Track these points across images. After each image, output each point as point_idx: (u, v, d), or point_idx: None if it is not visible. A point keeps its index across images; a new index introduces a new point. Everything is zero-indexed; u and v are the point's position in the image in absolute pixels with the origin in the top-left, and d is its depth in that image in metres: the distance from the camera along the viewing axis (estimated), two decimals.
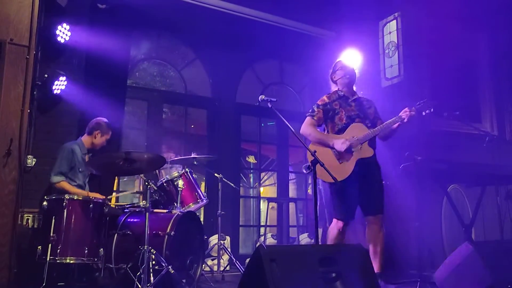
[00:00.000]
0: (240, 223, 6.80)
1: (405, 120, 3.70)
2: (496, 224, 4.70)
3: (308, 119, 3.92)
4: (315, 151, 3.40)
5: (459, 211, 4.95)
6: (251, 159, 8.47)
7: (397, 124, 3.74)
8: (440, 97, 5.73)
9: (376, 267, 3.65)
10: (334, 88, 4.05)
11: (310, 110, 3.96)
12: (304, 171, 3.51)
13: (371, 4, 5.77)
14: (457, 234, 5.08)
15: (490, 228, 5.45)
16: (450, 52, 6.13)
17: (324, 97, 3.97)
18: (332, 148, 3.73)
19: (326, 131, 3.93)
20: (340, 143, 3.69)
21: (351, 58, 6.08)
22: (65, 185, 4.03)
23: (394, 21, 6.07)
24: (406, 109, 3.73)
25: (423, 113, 3.75)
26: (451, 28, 6.30)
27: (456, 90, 5.96)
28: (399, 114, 3.73)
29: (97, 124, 4.33)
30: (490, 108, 6.52)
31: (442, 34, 6.22)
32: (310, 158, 3.64)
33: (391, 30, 6.10)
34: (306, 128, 3.89)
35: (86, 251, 3.54)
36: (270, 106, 3.53)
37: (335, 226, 3.76)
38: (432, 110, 3.74)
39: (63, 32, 4.54)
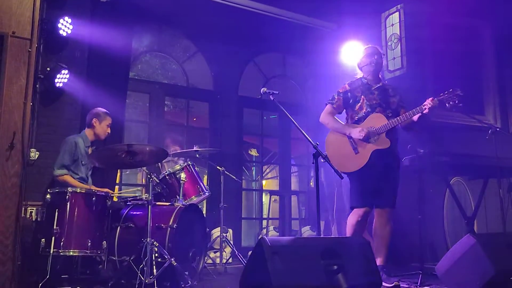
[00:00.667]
0: (243, 216, 6.82)
1: (426, 110, 3.58)
2: (499, 216, 4.69)
3: (328, 106, 3.90)
4: (317, 144, 3.40)
5: (461, 203, 4.95)
6: (253, 152, 8.47)
7: (417, 116, 3.64)
8: (443, 89, 5.71)
9: (379, 260, 3.65)
10: (359, 74, 3.99)
11: (330, 98, 3.93)
12: (322, 161, 3.44)
13: None
14: (459, 226, 5.09)
15: (493, 220, 5.45)
16: (453, 44, 6.10)
17: (346, 84, 3.93)
18: (349, 137, 3.71)
19: (346, 119, 3.90)
20: (357, 132, 3.67)
21: (354, 50, 6.06)
22: (68, 178, 4.04)
23: (397, 13, 6.03)
24: (430, 99, 3.63)
25: (447, 105, 3.62)
26: (455, 20, 6.27)
27: (459, 82, 5.92)
28: (421, 105, 3.63)
29: (93, 114, 4.32)
30: (494, 101, 6.50)
31: (445, 26, 6.18)
32: (327, 146, 3.72)
33: (393, 22, 6.06)
34: (325, 116, 3.87)
35: (89, 244, 3.55)
36: (272, 98, 3.53)
37: (354, 214, 3.72)
38: (457, 101, 3.60)
39: (65, 25, 4.53)
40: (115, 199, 4.27)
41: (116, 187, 5.37)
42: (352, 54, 6.17)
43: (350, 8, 5.88)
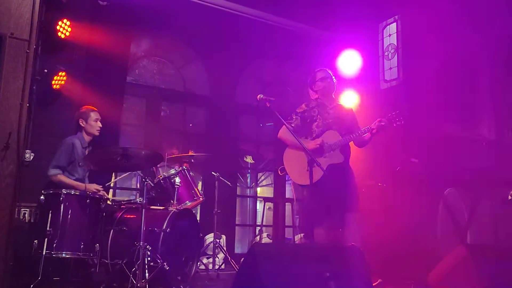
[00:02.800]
0: (236, 223, 6.81)
1: (374, 130, 3.77)
2: (491, 227, 4.72)
3: (284, 126, 3.97)
4: (311, 153, 3.44)
5: (455, 214, 4.98)
6: (249, 159, 8.47)
7: (367, 135, 3.81)
8: (438, 100, 5.76)
9: None
10: (313, 95, 4.12)
11: (288, 118, 4.03)
12: (280, 173, 3.61)
13: (371, 6, 5.79)
14: (452, 236, 5.10)
15: (486, 231, 5.47)
16: (450, 56, 6.15)
17: (303, 105, 4.06)
18: (306, 150, 3.78)
19: (305, 137, 3.98)
20: (313, 143, 3.80)
21: (350, 59, 6.11)
22: (62, 178, 4.01)
23: (394, 24, 6.09)
24: (378, 120, 3.80)
25: (394, 125, 3.79)
26: (451, 32, 6.32)
27: (454, 93, 5.98)
28: (370, 125, 3.80)
29: (76, 115, 4.26)
30: (489, 113, 6.54)
31: (442, 38, 6.23)
32: (285, 162, 3.86)
33: (391, 32, 6.12)
34: (283, 133, 3.97)
35: (82, 246, 3.54)
36: (268, 105, 3.55)
37: (318, 225, 3.77)
38: (403, 122, 3.79)
39: (64, 28, 4.54)
40: (109, 202, 4.26)
41: (110, 190, 5.36)
42: (349, 62, 6.24)
43: (347, 17, 5.93)
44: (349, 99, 6.26)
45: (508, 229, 5.83)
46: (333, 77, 4.11)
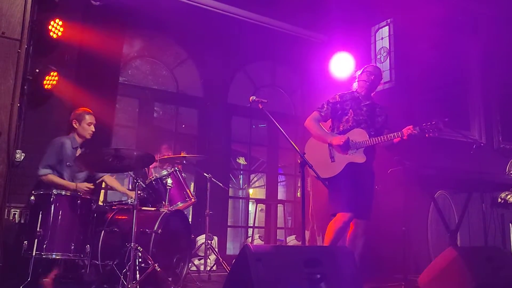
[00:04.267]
0: (228, 224, 6.81)
1: (405, 137, 3.71)
2: (481, 230, 4.77)
3: (315, 113, 3.96)
4: (304, 153, 3.43)
5: (445, 216, 5.01)
6: (241, 161, 8.49)
7: (397, 139, 3.76)
8: (430, 103, 5.80)
9: None
10: (355, 86, 4.06)
11: (319, 106, 3.99)
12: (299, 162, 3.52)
13: (364, 9, 5.83)
14: (443, 239, 5.13)
15: (475, 234, 5.51)
16: (442, 60, 6.21)
17: (337, 96, 4.00)
18: (330, 145, 3.76)
19: (331, 128, 3.96)
20: (338, 138, 3.75)
21: (343, 62, 6.14)
22: (53, 177, 4.00)
23: (387, 27, 6.13)
24: (410, 126, 3.73)
25: (427, 135, 3.73)
26: (444, 36, 6.38)
27: (446, 97, 6.04)
28: (402, 130, 3.73)
29: (72, 115, 4.26)
30: (479, 116, 6.61)
31: (434, 42, 6.29)
32: (307, 150, 3.78)
33: (383, 35, 6.16)
34: (310, 121, 3.93)
35: (72, 247, 3.52)
36: (261, 107, 3.55)
37: (337, 220, 3.68)
38: (437, 134, 3.71)
39: (56, 28, 4.52)
40: (100, 202, 4.24)
41: (102, 191, 5.34)
42: (341, 65, 6.26)
43: (340, 20, 5.96)
44: None
45: (498, 232, 5.89)
46: (382, 78, 4.08)
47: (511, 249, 6.24)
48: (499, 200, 6.27)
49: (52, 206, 3.53)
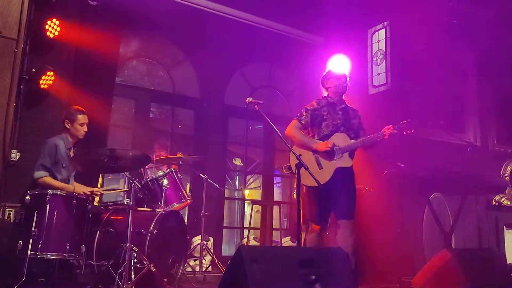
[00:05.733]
0: (224, 225, 6.81)
1: (386, 137, 3.79)
2: (475, 232, 4.80)
3: (294, 121, 3.97)
4: (300, 154, 3.44)
5: (440, 218, 5.04)
6: (238, 162, 8.49)
7: (378, 139, 3.83)
8: (426, 106, 5.83)
9: None
10: (324, 93, 4.10)
11: (298, 114, 4.01)
12: (284, 171, 3.59)
13: (361, 12, 5.85)
14: (437, 240, 5.17)
15: (470, 236, 5.55)
16: (437, 63, 6.24)
17: (313, 102, 4.02)
18: (315, 151, 3.78)
19: (312, 136, 3.98)
20: (324, 145, 3.77)
21: (340, 64, 6.16)
22: (49, 180, 3.98)
23: (383, 30, 6.16)
24: (390, 126, 3.81)
25: (405, 133, 3.82)
26: (440, 39, 6.41)
27: (441, 99, 6.07)
28: (382, 130, 3.81)
29: (64, 115, 4.18)
30: (474, 119, 6.65)
31: (430, 45, 6.33)
32: (293, 161, 3.70)
33: (379, 38, 6.19)
34: (292, 130, 3.93)
35: (67, 247, 3.51)
36: (257, 108, 3.56)
37: (312, 230, 3.81)
38: (413, 131, 3.81)
39: (53, 27, 4.51)
40: (96, 203, 4.23)
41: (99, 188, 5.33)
42: (338, 67, 6.28)
43: (337, 22, 5.98)
44: None
45: (492, 234, 5.93)
46: (348, 78, 4.10)
47: (505, 251, 6.29)
48: (494, 202, 6.32)
49: (48, 206, 3.52)
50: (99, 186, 5.33)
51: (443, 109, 5.90)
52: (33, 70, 4.44)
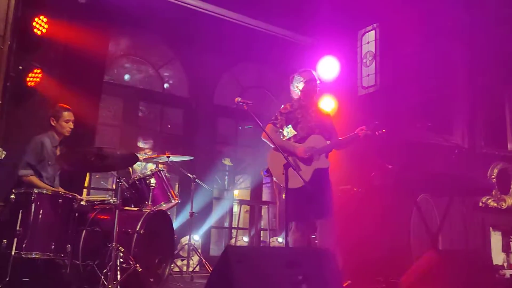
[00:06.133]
0: (213, 225, 6.79)
1: (360, 138, 3.86)
2: (462, 233, 4.83)
3: (269, 125, 3.99)
4: (287, 155, 3.45)
5: (427, 219, 5.06)
6: (227, 162, 8.46)
7: (353, 140, 3.89)
8: (414, 107, 5.86)
9: None
10: (295, 95, 4.12)
11: (272, 117, 4.03)
12: (262, 175, 3.60)
13: (351, 13, 5.87)
14: (425, 241, 5.19)
15: (457, 237, 5.58)
16: (427, 65, 6.27)
17: (287, 105, 4.06)
18: (294, 154, 3.79)
19: (287, 139, 3.99)
20: (303, 151, 3.80)
21: (329, 65, 6.18)
22: (34, 179, 3.93)
23: (373, 31, 6.18)
24: (363, 127, 3.87)
25: (377, 133, 3.89)
26: (429, 41, 6.45)
27: (430, 101, 6.10)
28: (356, 132, 3.87)
29: (49, 113, 4.15)
30: (462, 121, 6.69)
31: (419, 47, 6.36)
32: (272, 163, 3.82)
33: (369, 40, 6.20)
34: (267, 134, 3.92)
35: (52, 247, 3.47)
36: (246, 108, 3.55)
37: (297, 231, 3.83)
38: (384, 131, 3.88)
39: (41, 25, 4.47)
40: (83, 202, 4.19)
41: (85, 190, 5.29)
42: (328, 68, 6.31)
43: (327, 23, 5.99)
44: (327, 105, 6.33)
45: (478, 235, 5.97)
46: (318, 79, 4.12)
47: (491, 252, 6.35)
48: (480, 204, 6.37)
49: (33, 205, 3.47)
50: (86, 184, 5.30)
51: (431, 111, 5.93)
52: (20, 67, 4.38)
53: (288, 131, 4.00)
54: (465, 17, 6.41)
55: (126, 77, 6.43)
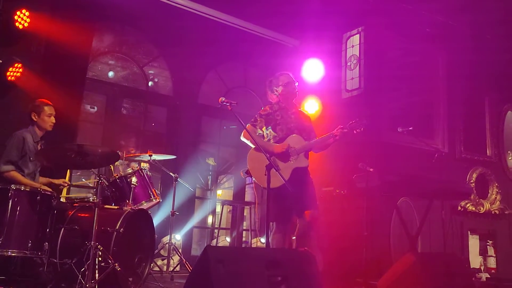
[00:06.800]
0: (195, 225, 6.76)
1: (337, 137, 3.91)
2: (441, 236, 4.90)
3: (248, 126, 4.02)
4: (271, 156, 3.45)
5: (407, 222, 5.12)
6: (211, 161, 8.43)
7: (331, 139, 3.93)
8: (397, 111, 5.93)
9: None
10: (274, 98, 4.17)
11: (252, 119, 4.07)
12: (242, 176, 3.64)
13: (336, 16, 5.91)
14: (404, 244, 5.25)
15: (436, 240, 5.66)
16: (409, 70, 6.35)
17: (266, 107, 4.11)
18: (272, 154, 3.82)
19: (267, 140, 4.02)
20: (280, 147, 3.86)
21: (314, 67, 6.20)
22: (16, 175, 3.87)
23: (358, 35, 6.23)
24: (340, 126, 3.93)
25: (355, 131, 3.95)
26: (412, 47, 6.54)
27: (412, 105, 6.18)
28: (333, 131, 3.92)
29: (30, 108, 4.08)
30: (443, 126, 6.78)
31: (402, 52, 6.44)
32: (252, 164, 3.84)
33: (354, 43, 6.26)
34: (247, 135, 3.96)
35: (29, 244, 3.41)
36: (230, 109, 3.56)
37: (277, 231, 3.85)
38: (362, 129, 3.95)
39: (22, 18, 4.40)
40: (62, 198, 4.14)
41: (65, 188, 5.21)
42: (313, 71, 6.34)
43: (313, 26, 6.02)
44: (311, 107, 6.36)
45: (457, 239, 6.07)
46: (296, 82, 4.15)
47: (469, 256, 6.45)
48: (459, 208, 6.47)
49: (10, 202, 3.40)
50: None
51: (413, 115, 6.01)
52: (0, 61, 4.30)
53: (268, 133, 4.04)
54: (447, 24, 6.51)
55: (110, 74, 6.35)
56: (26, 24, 4.43)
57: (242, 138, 4.02)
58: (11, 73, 4.34)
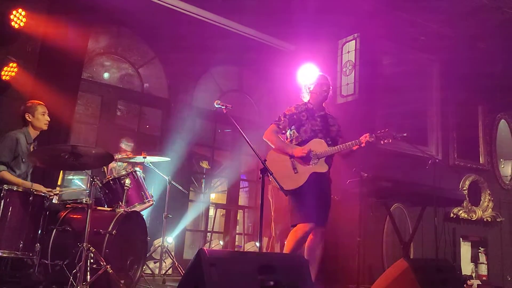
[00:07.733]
0: (188, 228, 6.74)
1: (363, 144, 3.82)
2: (434, 243, 4.92)
3: (272, 126, 3.99)
4: (265, 160, 3.45)
5: (400, 229, 5.15)
6: (205, 165, 8.42)
7: (355, 147, 3.85)
8: (391, 117, 5.96)
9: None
10: (306, 97, 4.13)
11: (276, 119, 4.03)
12: (260, 176, 3.59)
13: (332, 22, 5.94)
14: (397, 250, 5.27)
15: (428, 246, 5.68)
16: (404, 76, 6.40)
17: (292, 108, 4.05)
18: (292, 156, 3.80)
19: (290, 141, 4.00)
20: (300, 150, 3.80)
21: (309, 72, 6.21)
22: (7, 175, 3.84)
23: (353, 41, 6.27)
24: (367, 134, 3.83)
25: (382, 142, 3.88)
26: (407, 54, 6.59)
27: (406, 112, 6.21)
28: (359, 138, 3.84)
29: (22, 110, 4.06)
30: (437, 133, 6.83)
31: (398, 58, 6.49)
32: (269, 163, 3.70)
33: (349, 49, 6.29)
34: (269, 134, 3.95)
35: (21, 245, 3.39)
36: (225, 112, 3.55)
37: (298, 231, 3.75)
38: (390, 141, 3.88)
39: (18, 18, 4.39)
40: (55, 199, 4.11)
41: (58, 188, 5.18)
42: (307, 75, 6.34)
43: (309, 31, 6.05)
44: None
45: (449, 245, 6.10)
46: (331, 87, 4.13)
47: (461, 262, 6.49)
48: (452, 215, 6.51)
49: (2, 202, 3.38)
50: (59, 183, 5.20)
51: (407, 121, 6.04)
52: None
53: (291, 133, 3.99)
54: (440, 32, 6.57)
55: (106, 75, 6.34)
56: (22, 24, 4.42)
57: (265, 138, 3.98)
58: (6, 73, 4.33)
